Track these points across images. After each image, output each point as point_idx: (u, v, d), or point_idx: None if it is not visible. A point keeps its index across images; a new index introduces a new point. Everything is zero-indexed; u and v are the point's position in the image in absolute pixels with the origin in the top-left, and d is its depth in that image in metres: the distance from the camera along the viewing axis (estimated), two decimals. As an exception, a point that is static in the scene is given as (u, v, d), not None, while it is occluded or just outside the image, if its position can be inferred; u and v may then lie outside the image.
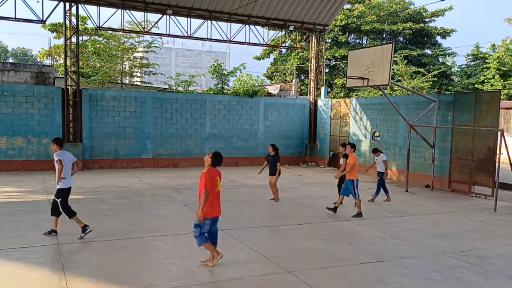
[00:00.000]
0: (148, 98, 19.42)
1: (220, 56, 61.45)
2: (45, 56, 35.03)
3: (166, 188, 14.26)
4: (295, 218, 10.47)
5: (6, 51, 77.06)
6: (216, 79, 23.64)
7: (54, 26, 29.26)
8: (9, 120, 16.96)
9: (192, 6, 19.79)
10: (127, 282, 6.16)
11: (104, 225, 9.33)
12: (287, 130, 22.12)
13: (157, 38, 27.55)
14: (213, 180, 6.81)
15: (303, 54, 36.22)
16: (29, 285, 5.95)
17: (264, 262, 7.24)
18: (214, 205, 6.91)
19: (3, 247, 7.56)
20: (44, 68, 23.44)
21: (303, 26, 22.43)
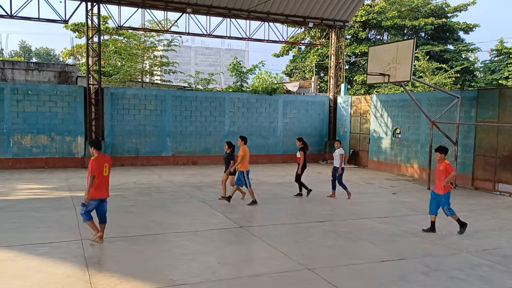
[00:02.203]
0: (168, 97, 19.60)
1: (239, 54, 61.52)
2: (68, 55, 35.70)
3: (186, 185, 14.38)
4: (315, 215, 10.43)
5: (30, 51, 78.75)
6: (235, 77, 23.71)
7: (76, 26, 29.79)
8: (34, 118, 17.35)
9: (211, 4, 19.87)
10: (149, 278, 6.24)
11: (126, 221, 9.48)
12: (306, 127, 22.03)
13: (176, 37, 27.77)
14: (100, 166, 7.64)
15: (323, 51, 35.97)
16: (54, 280, 6.09)
17: (284, 259, 7.24)
18: (102, 188, 7.71)
19: (29, 242, 7.75)
20: (66, 67, 23.84)
21: (323, 23, 22.28)
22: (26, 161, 17.23)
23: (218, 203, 11.58)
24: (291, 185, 14.30)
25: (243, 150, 11.45)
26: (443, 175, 8.89)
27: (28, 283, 5.97)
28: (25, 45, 79.78)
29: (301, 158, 12.49)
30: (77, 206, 10.60)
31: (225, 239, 8.42)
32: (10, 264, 6.64)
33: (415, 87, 29.53)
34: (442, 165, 9.02)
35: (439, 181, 9.02)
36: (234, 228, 9.14)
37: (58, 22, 18.09)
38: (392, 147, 18.58)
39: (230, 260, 7.13)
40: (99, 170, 7.60)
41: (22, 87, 17.47)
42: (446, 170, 8.86)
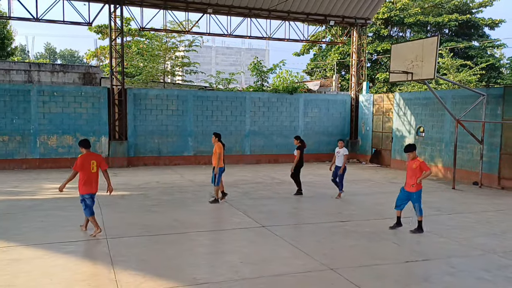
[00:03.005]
0: (190, 97, 19.76)
1: (259, 53, 61.54)
2: (91, 57, 36.32)
3: (208, 185, 14.45)
4: (337, 215, 10.37)
5: (55, 53, 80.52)
6: (256, 76, 23.73)
7: (100, 28, 30.28)
8: (59, 119, 17.73)
9: (232, 4, 19.93)
10: (173, 276, 6.32)
11: (149, 220, 9.60)
12: (328, 126, 21.89)
13: (197, 37, 27.93)
14: (85, 163, 8.07)
15: (344, 49, 35.67)
16: (80, 278, 6.22)
17: (306, 259, 7.22)
18: (91, 184, 8.18)
19: (56, 240, 7.94)
20: (90, 68, 24.30)
21: (344, 21, 22.09)
22: (52, 161, 17.63)
23: (240, 202, 11.62)
24: (313, 184, 14.27)
25: (219, 147, 11.45)
26: (417, 173, 8.78)
27: (56, 281, 6.12)
28: (50, 47, 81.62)
29: (297, 156, 12.57)
30: (102, 205, 10.79)
31: (247, 238, 8.44)
32: (38, 262, 6.82)
33: (439, 85, 29.01)
34: (416, 163, 8.89)
35: (411, 179, 8.90)
36: (256, 227, 9.17)
37: (82, 24, 18.45)
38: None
39: (253, 260, 7.16)
40: (84, 166, 8.06)
41: (48, 89, 17.88)
42: (420, 168, 8.76)
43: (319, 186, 14.34)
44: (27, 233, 8.40)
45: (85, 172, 8.08)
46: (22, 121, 17.26)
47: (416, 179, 8.76)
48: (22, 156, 17.33)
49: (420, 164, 8.80)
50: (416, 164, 8.83)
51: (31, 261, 6.84)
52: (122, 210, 10.58)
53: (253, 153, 20.67)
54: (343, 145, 12.60)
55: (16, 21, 17.77)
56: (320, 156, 21.49)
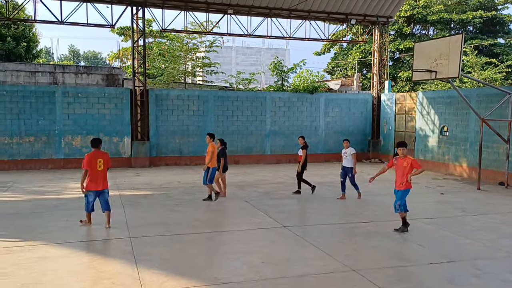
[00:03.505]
0: (210, 97, 19.87)
1: (279, 53, 61.45)
2: (114, 58, 36.91)
3: (228, 185, 14.49)
4: (359, 216, 10.27)
5: (78, 55, 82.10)
6: (276, 76, 23.70)
7: (122, 30, 30.77)
8: (83, 120, 18.07)
9: (252, 4, 19.95)
10: (195, 276, 6.36)
11: (172, 220, 9.70)
12: (349, 126, 21.71)
13: (218, 38, 28.06)
14: (92, 161, 8.51)
15: (365, 48, 35.30)
16: (105, 276, 6.33)
17: (328, 259, 7.18)
18: (98, 181, 8.59)
19: (81, 239, 8.10)
20: (113, 70, 24.69)
21: (365, 19, 21.87)
22: (76, 161, 17.95)
23: (261, 202, 11.63)
24: (334, 185, 14.16)
25: (212, 147, 11.55)
26: (407, 171, 8.58)
27: (81, 279, 6.24)
28: (74, 49, 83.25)
29: (302, 156, 12.55)
30: (125, 205, 10.97)
31: (268, 238, 8.44)
32: (64, 261, 6.96)
33: (463, 83, 28.44)
34: (407, 161, 8.69)
35: (401, 178, 8.70)
36: (277, 227, 9.16)
37: (105, 26, 18.76)
38: (439, 146, 17.99)
39: (274, 260, 7.15)
40: (91, 164, 8.52)
41: (72, 90, 18.24)
42: (412, 167, 8.57)
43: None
44: (53, 232, 8.59)
45: (92, 170, 8.55)
46: (47, 122, 17.65)
47: (406, 178, 8.58)
48: (48, 156, 17.72)
49: (411, 162, 8.64)
50: (408, 162, 8.66)
51: (57, 260, 6.99)
52: (144, 209, 10.71)
53: (274, 153, 20.65)
54: (349, 145, 12.43)
55: (41, 24, 18.19)
56: (341, 156, 21.28)
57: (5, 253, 7.20)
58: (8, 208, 10.69)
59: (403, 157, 8.73)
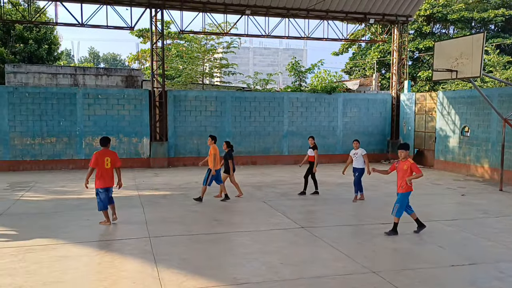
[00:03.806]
0: (228, 98, 19.94)
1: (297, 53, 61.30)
2: (133, 60, 37.31)
3: (246, 185, 14.54)
4: (378, 217, 10.16)
5: (98, 57, 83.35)
6: (294, 76, 23.66)
7: (141, 32, 31.09)
8: (103, 121, 18.33)
9: (270, 5, 19.95)
10: (214, 276, 6.39)
11: (190, 220, 9.76)
12: (367, 126, 21.52)
13: (236, 39, 28.16)
14: (99, 160, 8.83)
15: (384, 47, 34.94)
16: (125, 275, 6.40)
17: (347, 261, 7.13)
18: (105, 178, 8.90)
19: (102, 239, 8.22)
20: (132, 72, 24.99)
21: (384, 18, 21.65)
22: (96, 162, 18.22)
23: (279, 203, 11.61)
24: (352, 186, 14.03)
25: (214, 149, 11.58)
26: (407, 174, 8.47)
27: (102, 278, 6.33)
28: (94, 51, 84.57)
29: (314, 157, 12.56)
30: (144, 204, 11.08)
31: (287, 239, 8.42)
32: (85, 259, 7.07)
33: (485, 83, 27.92)
34: (407, 164, 8.55)
35: (401, 180, 8.58)
36: (295, 228, 9.13)
37: (124, 28, 19.00)
38: (460, 146, 17.69)
39: (292, 261, 7.13)
40: (98, 163, 8.86)
41: (92, 92, 18.52)
42: (411, 170, 8.44)
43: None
44: (74, 231, 8.74)
45: (100, 168, 8.88)
46: (68, 123, 17.96)
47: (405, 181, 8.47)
48: (69, 156, 18.03)
49: (411, 166, 8.52)
50: (407, 165, 8.55)
51: (79, 258, 7.10)
52: (163, 209, 10.81)
53: (291, 154, 20.60)
54: (359, 145, 12.28)
55: (62, 26, 18.60)
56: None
57: (28, 251, 7.35)
58: (30, 207, 10.91)
59: (404, 160, 8.65)
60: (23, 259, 6.98)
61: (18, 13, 25.37)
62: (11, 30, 29.99)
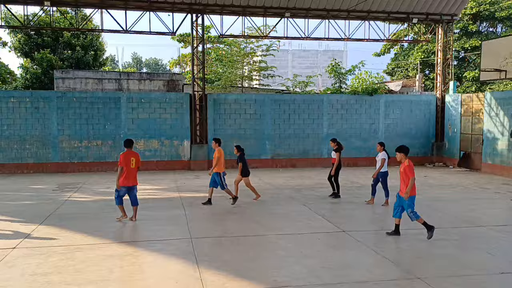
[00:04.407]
0: (267, 100, 19.97)
1: (337, 55, 60.60)
2: (174, 64, 38.14)
3: (286, 188, 14.51)
4: (422, 221, 9.84)
5: (141, 62, 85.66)
6: (334, 78, 23.40)
7: (182, 37, 31.73)
8: (146, 124, 18.80)
9: (309, 7, 19.83)
10: (254, 278, 6.40)
11: (230, 222, 9.84)
12: (411, 128, 20.96)
13: (275, 41, 28.19)
14: (126, 160, 9.36)
15: (428, 47, 33.98)
16: (168, 275, 6.52)
17: (390, 266, 6.95)
18: (129, 178, 9.41)
19: (145, 239, 8.42)
20: (174, 76, 25.51)
21: (428, 18, 21.05)
22: (140, 164, 18.70)
23: (319, 206, 11.49)
24: (394, 189, 13.69)
25: (218, 152, 11.53)
26: (405, 178, 8.23)
27: (146, 277, 6.47)
28: (137, 57, 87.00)
29: (336, 159, 12.41)
30: (186, 206, 11.27)
31: (328, 243, 8.32)
32: (130, 259, 7.26)
33: (537, 82, 26.54)
34: (403, 166, 8.31)
35: (402, 183, 8.32)
36: (336, 232, 9.01)
37: (166, 34, 19.43)
38: (510, 149, 16.90)
39: (334, 265, 7.03)
40: (125, 162, 9.36)
41: (136, 96, 19.05)
42: (405, 173, 8.18)
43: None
44: (119, 231, 9.00)
45: (126, 167, 9.38)
46: (113, 126, 18.55)
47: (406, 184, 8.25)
48: (114, 159, 18.58)
49: (405, 168, 8.27)
50: (403, 167, 8.33)
51: (123, 258, 7.30)
52: (204, 211, 10.95)
53: (331, 156, 20.29)
54: (382, 149, 11.92)
55: (107, 33, 19.28)
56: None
57: (76, 250, 7.63)
58: (78, 207, 11.33)
59: (401, 162, 8.48)
60: (71, 257, 7.25)
61: (66, 21, 26.47)
62: (59, 38, 31.36)
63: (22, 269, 6.66)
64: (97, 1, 18.18)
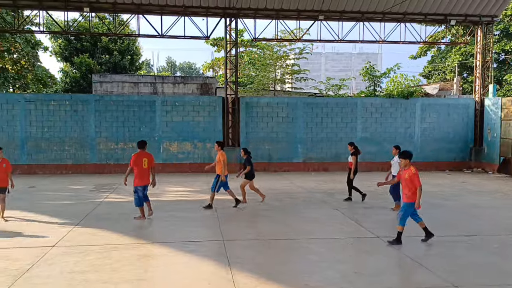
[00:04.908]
0: (299, 104, 19.90)
1: (371, 58, 59.65)
2: (208, 68, 38.60)
3: (318, 191, 14.39)
4: (460, 229, 9.56)
5: (175, 66, 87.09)
6: (368, 81, 23.08)
7: (215, 41, 32.09)
8: (180, 127, 19.10)
9: (344, 10, 19.64)
10: (286, 281, 6.36)
11: (262, 225, 9.84)
12: (448, 132, 20.39)
13: (308, 45, 28.11)
14: (137, 160, 9.70)
15: (466, 49, 33.03)
16: (201, 276, 6.58)
17: (427, 274, 6.76)
18: (143, 178, 9.77)
19: (179, 240, 8.52)
20: (207, 79, 25.82)
21: (467, 19, 20.45)
22: (173, 166, 19.03)
23: (352, 211, 11.33)
24: (432, 195, 13.37)
25: (222, 155, 11.52)
26: (409, 185, 7.96)
27: (180, 277, 6.55)
28: (171, 61, 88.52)
29: (353, 163, 12.31)
30: (218, 208, 11.35)
31: (361, 248, 8.19)
32: (164, 259, 7.37)
33: None
34: (408, 173, 7.97)
35: (406, 189, 8.03)
36: (370, 237, 8.85)
37: (200, 38, 19.70)
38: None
39: (367, 271, 6.91)
40: (137, 163, 9.70)
41: (170, 99, 19.39)
42: (411, 180, 7.89)
43: (439, 197, 13.41)
44: (154, 231, 9.16)
45: (138, 168, 9.72)
46: (148, 129, 18.94)
47: (409, 190, 8.00)
48: (148, 160, 18.97)
49: (411, 176, 7.97)
50: (408, 174, 8.03)
51: (158, 258, 7.43)
52: (236, 213, 11.00)
53: (364, 160, 19.96)
54: (397, 152, 11.56)
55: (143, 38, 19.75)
56: (439, 164, 20.13)
57: (112, 249, 7.81)
58: (114, 208, 11.61)
59: (406, 169, 8.20)
60: (108, 256, 7.42)
61: (104, 26, 27.28)
62: (98, 42, 32.33)
63: (61, 267, 6.88)
64: (134, 7, 18.64)
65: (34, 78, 26.82)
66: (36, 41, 26.80)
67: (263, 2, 18.88)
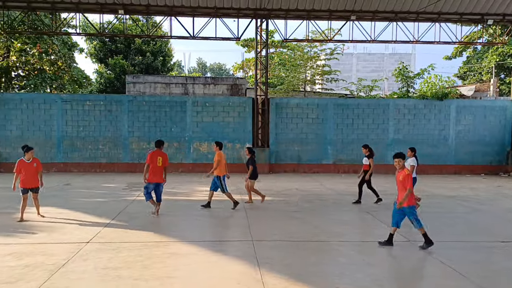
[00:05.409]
0: (330, 105, 19.73)
1: (404, 58, 58.47)
2: (238, 69, 38.79)
3: (348, 194, 14.24)
4: (497, 234, 9.24)
5: (205, 67, 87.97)
6: (401, 82, 22.67)
7: (246, 42, 32.20)
8: (210, 127, 19.27)
9: (376, 9, 19.36)
10: (316, 283, 6.31)
11: (292, 226, 9.79)
12: (484, 135, 19.78)
13: (339, 45, 27.81)
14: (153, 158, 10.16)
15: (503, 50, 31.94)
16: (230, 276, 6.61)
17: (461, 280, 6.57)
18: (156, 175, 10.19)
19: (208, 239, 8.60)
20: (237, 80, 25.96)
21: (505, 19, 19.81)
22: (203, 166, 19.21)
23: (383, 214, 11.13)
24: (467, 199, 13.02)
25: (219, 155, 11.52)
26: (404, 185, 7.72)
27: (210, 276, 6.60)
28: (201, 62, 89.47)
29: (369, 165, 12.21)
30: (247, 209, 11.38)
31: (391, 252, 8.03)
32: (194, 258, 7.45)
33: None
34: (402, 174, 7.73)
35: (401, 192, 7.77)
36: (402, 241, 8.66)
37: (231, 39, 19.83)
38: None
39: (399, 275, 6.78)
40: (152, 161, 10.14)
41: (200, 100, 19.60)
42: (403, 182, 7.68)
43: (474, 201, 13.02)
44: (184, 230, 9.27)
45: (153, 165, 10.16)
46: (179, 129, 19.21)
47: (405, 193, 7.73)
48: (178, 160, 19.24)
49: (404, 177, 7.72)
50: (403, 175, 7.77)
51: (188, 256, 7.51)
52: (265, 214, 11.00)
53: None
54: (413, 154, 11.27)
55: (175, 39, 20.05)
56: (475, 168, 19.57)
57: (143, 247, 7.96)
58: (145, 206, 11.79)
59: (400, 170, 7.95)
60: (139, 254, 7.56)
61: (138, 28, 27.83)
62: (131, 44, 33.03)
63: (95, 263, 7.05)
64: (167, 9, 18.95)
65: (70, 79, 27.65)
66: (73, 43, 27.64)
67: (294, 2, 18.83)
